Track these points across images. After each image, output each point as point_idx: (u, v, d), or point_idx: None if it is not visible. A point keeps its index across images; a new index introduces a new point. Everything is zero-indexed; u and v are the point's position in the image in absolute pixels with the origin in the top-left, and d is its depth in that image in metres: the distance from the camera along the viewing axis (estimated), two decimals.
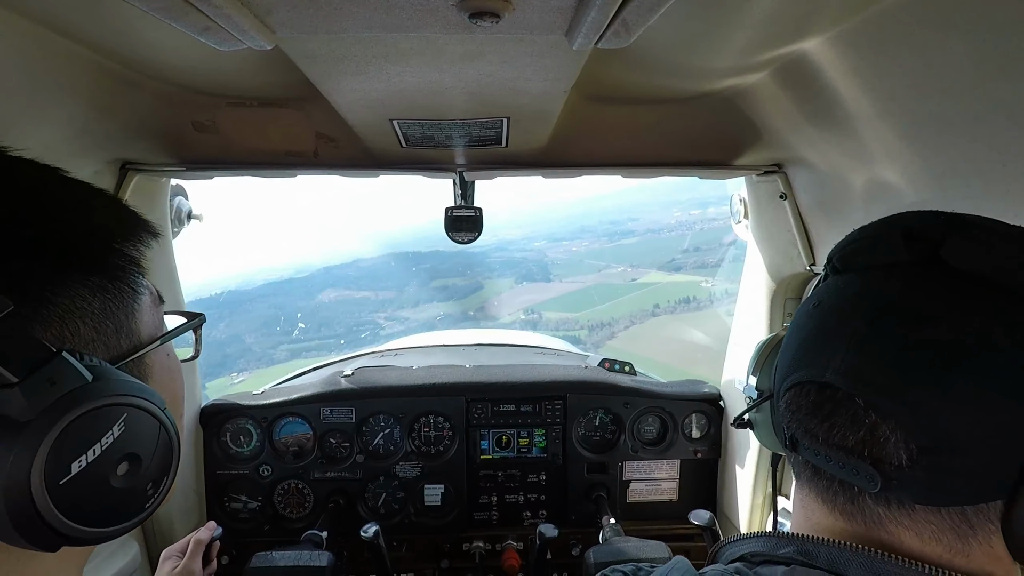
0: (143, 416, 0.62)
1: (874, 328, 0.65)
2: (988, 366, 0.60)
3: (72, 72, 1.29)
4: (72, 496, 0.56)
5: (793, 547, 0.69)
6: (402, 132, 1.60)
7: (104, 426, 0.58)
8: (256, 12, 0.87)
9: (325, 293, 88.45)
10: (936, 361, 0.61)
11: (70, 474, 0.55)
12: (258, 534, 2.35)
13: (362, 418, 2.37)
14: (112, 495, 0.60)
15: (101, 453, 0.57)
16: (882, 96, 1.30)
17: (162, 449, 0.64)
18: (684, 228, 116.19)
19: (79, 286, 0.62)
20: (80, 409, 0.55)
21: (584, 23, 0.88)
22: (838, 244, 0.78)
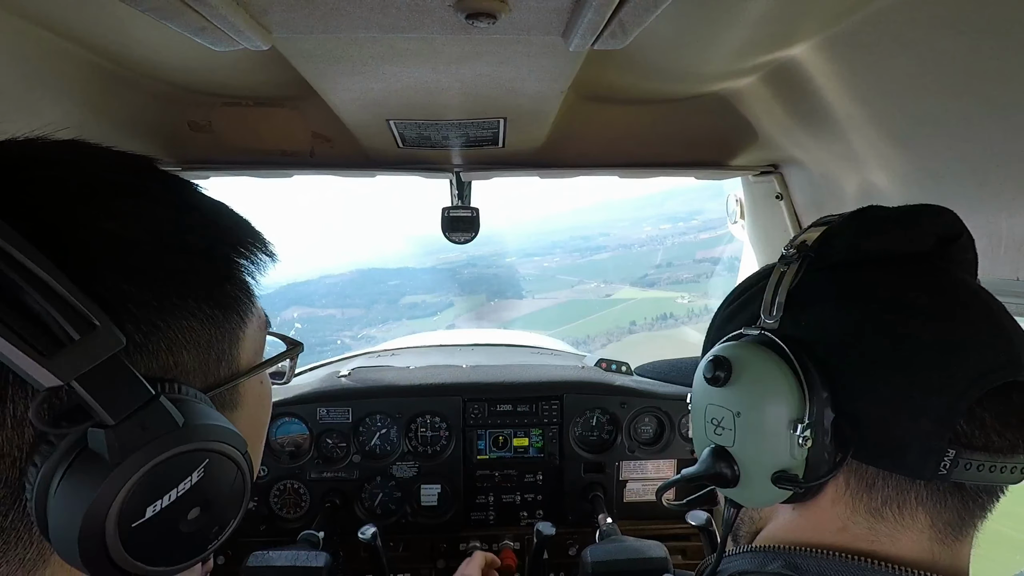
0: (223, 461, 0.59)
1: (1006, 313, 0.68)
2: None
3: (66, 71, 1.28)
4: (141, 538, 0.54)
5: (780, 561, 0.69)
6: (399, 132, 1.60)
7: (184, 472, 0.55)
8: (252, 12, 0.87)
9: (288, 311, 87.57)
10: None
11: (143, 518, 0.53)
12: (254, 534, 2.34)
13: (359, 418, 2.37)
14: (179, 538, 0.58)
15: (176, 499, 0.55)
16: (874, 97, 1.30)
17: (235, 493, 0.62)
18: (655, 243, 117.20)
19: (191, 316, 0.58)
20: (166, 455, 0.53)
21: (580, 24, 0.89)
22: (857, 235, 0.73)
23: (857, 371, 0.67)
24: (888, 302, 0.68)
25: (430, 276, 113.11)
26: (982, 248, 1.20)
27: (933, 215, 0.73)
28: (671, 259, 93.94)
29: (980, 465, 0.63)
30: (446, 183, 2.05)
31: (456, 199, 2.05)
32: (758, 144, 1.83)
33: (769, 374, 0.69)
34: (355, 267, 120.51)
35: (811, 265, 0.72)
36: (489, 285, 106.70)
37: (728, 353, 0.73)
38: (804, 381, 0.67)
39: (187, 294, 0.58)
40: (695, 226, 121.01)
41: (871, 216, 0.73)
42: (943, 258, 0.72)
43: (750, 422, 0.71)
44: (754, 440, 0.71)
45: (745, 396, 0.72)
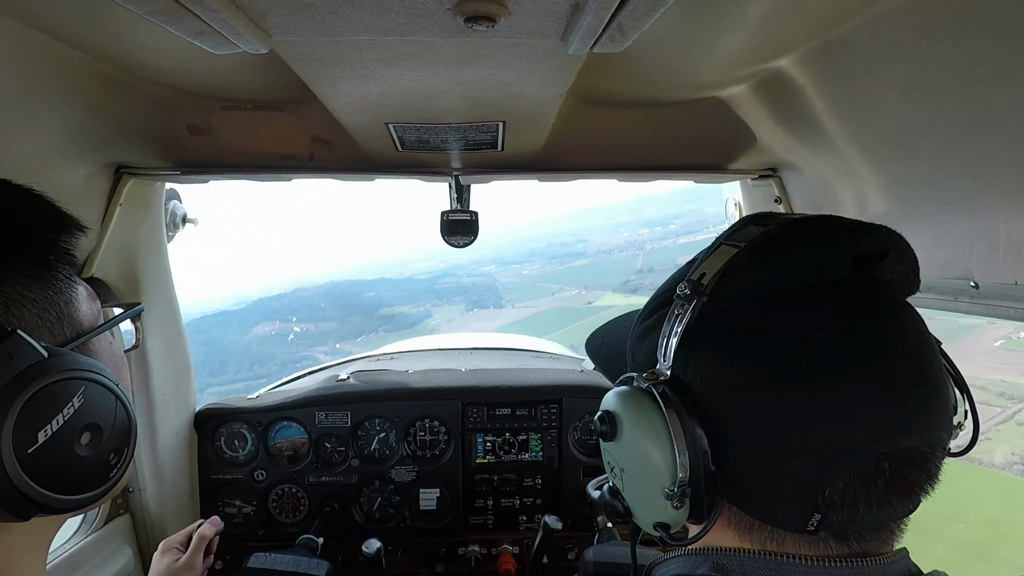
0: (100, 389, 0.67)
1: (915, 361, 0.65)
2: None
3: (66, 75, 1.28)
4: (41, 464, 0.61)
5: (709, 563, 0.70)
6: (398, 136, 1.60)
7: (65, 397, 0.63)
8: (251, 15, 0.87)
9: (261, 326, 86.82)
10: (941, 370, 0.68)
11: (37, 443, 0.60)
12: (252, 539, 2.33)
13: (357, 422, 2.36)
14: (78, 464, 0.65)
15: (64, 423, 0.63)
16: (870, 102, 1.31)
17: (120, 420, 0.69)
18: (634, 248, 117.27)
19: (19, 275, 0.67)
20: (42, 381, 0.61)
21: (579, 28, 0.89)
22: (746, 276, 0.68)
23: (730, 432, 0.67)
24: (765, 366, 0.65)
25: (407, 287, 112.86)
26: (980, 252, 1.22)
27: (854, 236, 0.68)
28: (652, 264, 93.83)
29: (850, 519, 0.64)
30: (444, 186, 2.05)
31: (455, 202, 2.05)
32: (757, 148, 1.84)
33: (648, 437, 0.69)
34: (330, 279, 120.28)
35: (704, 307, 0.68)
36: (468, 295, 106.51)
37: (615, 407, 0.75)
38: (684, 440, 0.67)
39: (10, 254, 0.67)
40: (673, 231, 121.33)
41: (778, 246, 0.68)
42: (863, 282, 0.68)
43: (633, 481, 0.75)
44: (637, 495, 0.76)
45: (628, 456, 0.75)
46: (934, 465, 0.65)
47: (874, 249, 0.67)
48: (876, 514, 0.64)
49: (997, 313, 1.25)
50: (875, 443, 0.61)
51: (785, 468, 0.64)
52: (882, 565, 0.66)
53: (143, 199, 1.89)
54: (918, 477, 0.64)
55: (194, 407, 2.34)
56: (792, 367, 0.63)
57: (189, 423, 2.29)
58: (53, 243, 0.73)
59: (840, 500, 0.63)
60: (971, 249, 1.24)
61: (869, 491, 0.62)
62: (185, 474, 2.27)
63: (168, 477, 2.13)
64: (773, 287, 0.66)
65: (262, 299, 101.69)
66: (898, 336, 0.66)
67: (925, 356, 0.66)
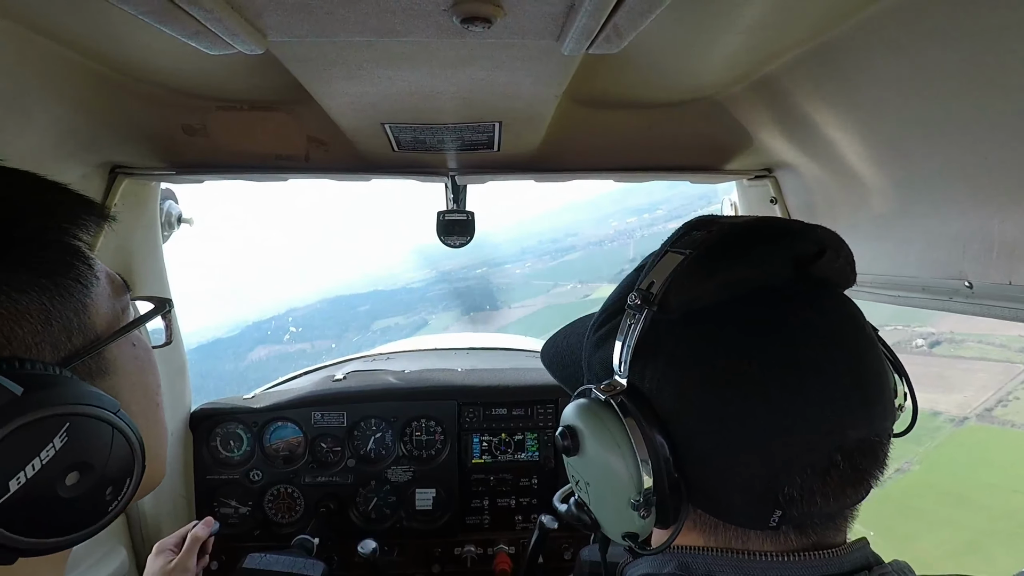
0: (89, 423, 0.59)
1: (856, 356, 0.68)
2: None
3: (61, 75, 1.28)
4: (16, 512, 0.54)
5: (675, 563, 0.72)
6: (394, 136, 1.60)
7: (42, 440, 0.55)
8: (247, 16, 0.87)
9: (256, 351, 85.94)
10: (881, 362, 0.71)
11: (8, 492, 0.53)
12: (248, 539, 2.33)
13: (354, 422, 2.36)
14: (64, 505, 0.58)
15: (42, 467, 0.55)
16: (865, 103, 1.31)
17: (118, 452, 0.62)
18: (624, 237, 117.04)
19: (6, 287, 0.57)
20: (9, 426, 0.53)
21: (575, 29, 0.89)
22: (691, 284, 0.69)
23: (688, 439, 0.68)
24: (715, 372, 0.67)
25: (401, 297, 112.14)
26: (974, 253, 1.22)
27: (792, 240, 0.69)
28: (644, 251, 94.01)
29: (809, 512, 0.66)
30: (438, 188, 2.05)
31: (451, 203, 2.05)
32: (752, 148, 1.84)
33: (610, 449, 0.71)
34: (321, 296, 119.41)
35: (655, 315, 0.69)
36: (463, 299, 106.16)
37: (575, 421, 0.76)
38: (646, 449, 0.68)
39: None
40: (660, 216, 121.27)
41: (720, 254, 0.69)
42: (803, 282, 0.69)
43: (598, 494, 0.77)
44: (603, 508, 0.77)
45: (591, 469, 0.76)
46: (882, 452, 0.69)
47: (811, 250, 0.69)
48: (833, 504, 0.66)
49: (992, 313, 1.26)
50: (826, 438, 0.64)
51: (743, 471, 0.66)
52: (840, 557, 0.68)
53: (138, 199, 1.89)
54: (869, 466, 0.67)
55: (189, 407, 2.33)
56: (741, 373, 0.65)
57: (184, 423, 2.29)
58: (62, 242, 0.64)
59: (799, 496, 0.65)
60: (965, 249, 1.25)
61: (825, 484, 0.65)
62: (180, 474, 2.27)
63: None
64: (718, 294, 0.68)
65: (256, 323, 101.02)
66: (839, 332, 0.68)
67: (865, 349, 0.69)
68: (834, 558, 0.68)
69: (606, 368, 0.74)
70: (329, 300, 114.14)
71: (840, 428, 0.64)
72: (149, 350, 0.78)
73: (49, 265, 0.62)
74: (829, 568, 0.67)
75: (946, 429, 30.07)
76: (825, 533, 0.70)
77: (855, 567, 0.68)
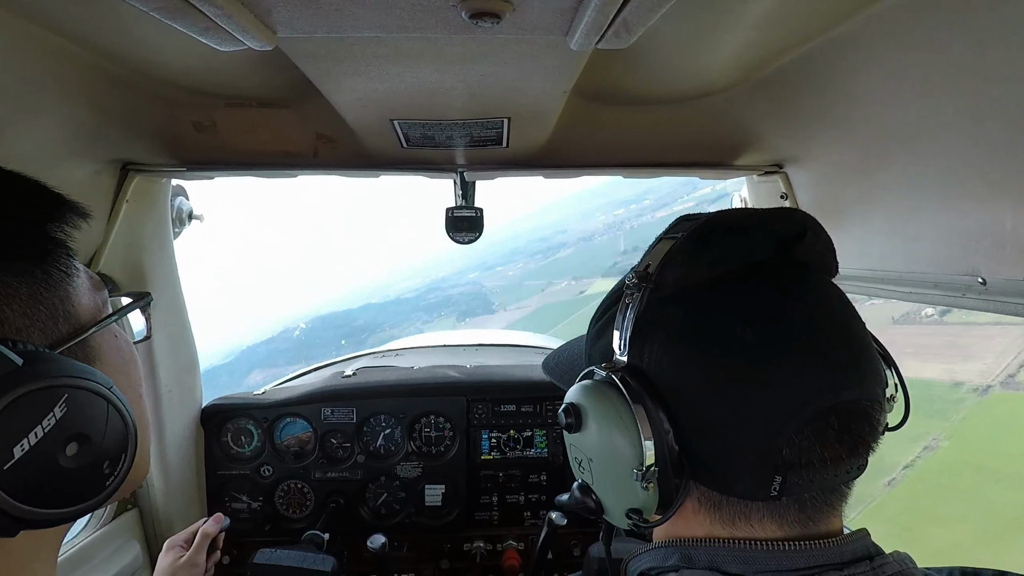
0: (87, 396, 0.62)
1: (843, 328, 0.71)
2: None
3: (71, 72, 1.29)
4: (20, 479, 0.57)
5: (677, 555, 0.74)
6: (402, 132, 1.60)
7: (43, 409, 0.58)
8: (256, 12, 0.87)
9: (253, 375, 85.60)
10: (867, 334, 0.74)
11: (13, 459, 0.56)
12: (258, 534, 2.35)
13: (363, 418, 2.37)
14: (65, 476, 0.60)
15: (44, 435, 0.58)
16: (877, 97, 1.30)
17: (114, 427, 0.64)
18: (614, 230, 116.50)
19: (3, 272, 0.62)
20: (16, 392, 0.56)
21: (584, 24, 0.89)
22: (687, 262, 0.73)
23: (689, 410, 0.71)
24: (712, 340, 0.70)
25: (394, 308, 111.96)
26: (987, 248, 1.21)
27: (773, 221, 0.74)
28: (635, 243, 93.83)
29: (809, 480, 0.68)
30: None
31: (460, 199, 2.05)
32: (762, 144, 1.83)
33: (613, 423, 0.74)
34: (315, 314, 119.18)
35: (651, 294, 0.73)
36: (456, 306, 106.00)
37: (578, 399, 0.79)
38: (648, 421, 0.71)
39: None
40: (648, 206, 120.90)
41: (708, 232, 0.74)
42: (787, 262, 0.74)
43: (601, 469, 0.79)
44: (607, 484, 0.79)
45: (594, 444, 0.78)
46: (876, 419, 0.71)
47: (793, 231, 0.74)
48: (831, 471, 0.68)
49: (1005, 309, 1.25)
50: (819, 399, 0.66)
51: (743, 436, 0.68)
52: (840, 546, 0.69)
53: (149, 196, 1.90)
54: (862, 430, 0.69)
55: (200, 402, 2.35)
56: (736, 341, 0.68)
57: (195, 419, 2.30)
58: (46, 234, 0.68)
59: (797, 458, 0.67)
60: (978, 245, 1.24)
61: (822, 446, 0.67)
62: (192, 469, 2.28)
63: (175, 472, 2.14)
64: (710, 270, 0.72)
65: (251, 347, 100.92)
66: (826, 307, 0.72)
67: (852, 325, 0.72)
68: (834, 547, 0.69)
69: (606, 354, 0.78)
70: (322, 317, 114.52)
71: (832, 388, 0.67)
72: (130, 344, 0.81)
73: (36, 253, 0.66)
74: (829, 557, 0.68)
75: (970, 400, 28.99)
76: (822, 511, 0.71)
77: (855, 557, 0.69)
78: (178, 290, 2.16)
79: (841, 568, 0.67)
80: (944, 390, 29.29)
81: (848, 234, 1.72)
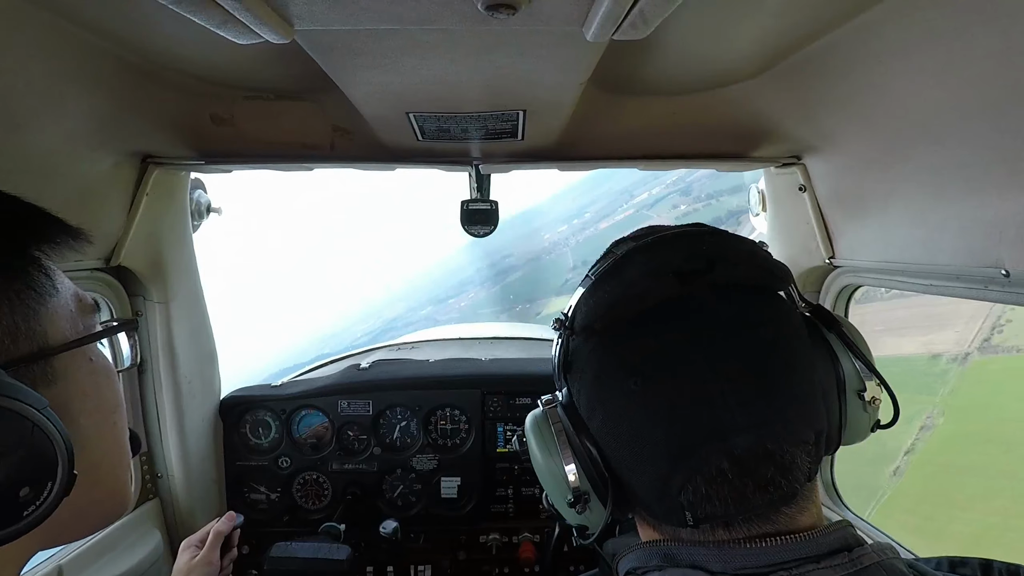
0: (4, 414, 0.57)
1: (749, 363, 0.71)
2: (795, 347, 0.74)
3: (93, 65, 1.30)
4: None
5: (660, 555, 0.75)
6: (418, 125, 1.60)
7: None
8: (274, 5, 0.88)
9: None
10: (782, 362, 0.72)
11: None
12: (277, 525, 2.38)
13: (379, 411, 2.39)
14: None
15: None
16: (900, 87, 1.28)
17: (40, 452, 0.59)
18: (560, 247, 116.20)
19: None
20: None
21: (600, 14, 0.88)
22: (590, 308, 0.77)
23: (604, 445, 0.76)
24: (608, 386, 0.74)
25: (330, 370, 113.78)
26: (1011, 239, 1.19)
27: (677, 258, 0.74)
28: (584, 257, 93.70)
29: (724, 512, 0.69)
30: (464, 176, 2.05)
31: (475, 192, 2.06)
32: (780, 135, 1.81)
33: (544, 453, 0.82)
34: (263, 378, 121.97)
35: (570, 338, 0.79)
36: None
37: (526, 428, 0.87)
38: (572, 452, 0.78)
39: None
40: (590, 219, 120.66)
41: (608, 278, 0.76)
42: (691, 296, 0.73)
43: (548, 492, 0.85)
44: (554, 504, 0.85)
45: (539, 471, 0.85)
46: (787, 459, 0.69)
47: (698, 264, 0.73)
48: (744, 505, 0.69)
49: None
50: (707, 445, 0.68)
51: (644, 477, 0.73)
52: (815, 539, 0.69)
53: (169, 188, 1.92)
54: (769, 471, 0.68)
55: (219, 394, 2.38)
56: (627, 388, 0.71)
57: (215, 410, 2.33)
58: (17, 249, 0.66)
59: (696, 500, 0.69)
60: (1002, 236, 1.22)
61: (719, 489, 0.68)
62: (211, 460, 2.31)
63: (195, 463, 2.17)
64: (611, 316, 0.74)
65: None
66: (724, 343, 0.71)
67: (766, 355, 0.71)
68: (809, 540, 0.69)
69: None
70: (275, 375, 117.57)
71: (722, 436, 0.67)
72: (110, 369, 0.78)
73: (10, 274, 0.64)
74: (807, 551, 0.68)
75: (953, 370, 27.67)
76: (770, 518, 0.71)
77: (832, 549, 0.68)
78: (198, 283, 2.18)
79: (818, 560, 0.67)
80: (925, 364, 28.21)
81: (867, 225, 1.70)
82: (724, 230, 0.81)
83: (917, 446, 23.51)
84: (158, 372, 2.03)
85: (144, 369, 2.02)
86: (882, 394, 0.82)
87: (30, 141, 1.27)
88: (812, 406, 0.73)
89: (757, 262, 0.77)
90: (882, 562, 0.68)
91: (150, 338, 2.00)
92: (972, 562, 0.74)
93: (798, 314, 0.80)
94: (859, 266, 1.83)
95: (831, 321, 0.83)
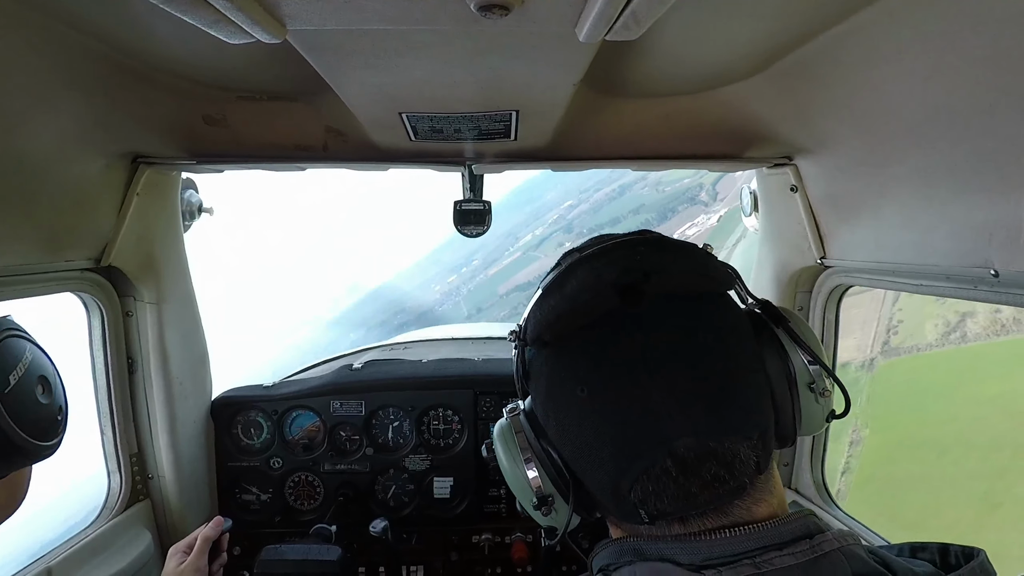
0: None
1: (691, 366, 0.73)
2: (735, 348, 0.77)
3: (84, 65, 1.30)
4: None
5: (632, 551, 0.78)
6: (411, 125, 1.60)
7: None
8: (266, 5, 0.87)
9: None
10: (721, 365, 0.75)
11: None
12: (268, 526, 2.37)
13: (372, 411, 2.38)
14: None
15: None
16: (891, 90, 1.29)
17: None
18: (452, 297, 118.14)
19: None
20: None
21: (593, 15, 0.88)
22: (538, 320, 0.80)
23: (560, 450, 0.81)
24: (558, 395, 0.79)
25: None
26: (1000, 241, 1.20)
27: (613, 271, 0.76)
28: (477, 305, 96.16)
29: (676, 508, 0.73)
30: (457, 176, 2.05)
31: (468, 192, 2.05)
32: (772, 136, 1.82)
33: (507, 459, 0.87)
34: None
35: (524, 345, 0.84)
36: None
37: (495, 435, 0.91)
38: (534, 456, 0.83)
39: None
40: (478, 266, 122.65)
41: (551, 292, 0.80)
42: (631, 306, 0.75)
43: (518, 496, 0.89)
44: (527, 508, 0.88)
45: (507, 477, 0.89)
46: (733, 458, 0.72)
47: (635, 276, 0.75)
48: (693, 502, 0.72)
49: (1018, 302, 1.24)
50: (650, 448, 0.71)
51: (595, 479, 0.77)
52: (777, 527, 0.72)
53: (160, 189, 1.91)
54: (712, 469, 0.71)
55: (211, 395, 2.37)
56: (576, 396, 0.76)
57: (206, 411, 2.32)
58: None
59: (646, 497, 0.72)
60: (991, 237, 1.23)
61: (665, 487, 0.71)
62: (203, 461, 2.30)
63: (186, 464, 2.16)
64: (558, 328, 0.78)
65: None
66: (668, 349, 0.74)
67: (707, 358, 0.74)
68: (771, 529, 0.72)
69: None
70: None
71: (664, 439, 0.71)
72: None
73: None
74: (770, 539, 0.70)
75: (863, 377, 27.76)
76: (718, 518, 0.74)
77: (794, 536, 0.71)
78: (189, 283, 2.17)
79: (780, 548, 0.69)
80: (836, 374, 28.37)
81: (859, 226, 1.71)
82: (667, 238, 0.84)
83: (852, 464, 23.15)
84: (149, 373, 2.01)
85: (135, 370, 2.01)
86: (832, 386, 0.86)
87: (21, 142, 1.26)
88: (755, 403, 0.77)
89: (695, 269, 0.80)
90: (842, 548, 0.70)
91: (141, 339, 1.98)
92: (932, 547, 0.76)
93: (742, 314, 0.83)
94: (850, 266, 1.84)
95: (779, 318, 0.86)
